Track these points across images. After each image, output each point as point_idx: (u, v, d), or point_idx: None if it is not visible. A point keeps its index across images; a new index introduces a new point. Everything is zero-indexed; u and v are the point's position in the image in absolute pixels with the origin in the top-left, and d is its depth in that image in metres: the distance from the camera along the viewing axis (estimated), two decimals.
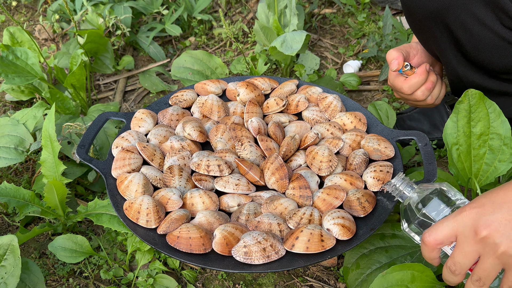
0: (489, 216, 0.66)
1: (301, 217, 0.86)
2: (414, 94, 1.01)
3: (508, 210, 0.65)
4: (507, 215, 0.65)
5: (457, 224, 0.68)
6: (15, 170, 1.24)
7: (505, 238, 0.64)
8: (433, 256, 0.72)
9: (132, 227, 0.87)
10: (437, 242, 0.70)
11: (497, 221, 0.65)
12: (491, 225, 0.65)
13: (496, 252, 0.65)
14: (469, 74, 0.98)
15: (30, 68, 1.29)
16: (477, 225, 0.66)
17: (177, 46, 1.65)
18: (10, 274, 0.84)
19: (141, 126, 1.06)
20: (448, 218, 0.69)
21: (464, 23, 0.90)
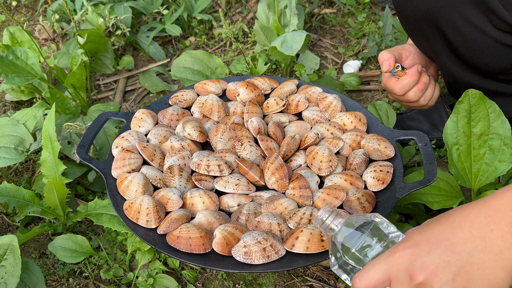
0: (425, 257, 0.57)
1: (301, 217, 0.86)
2: (406, 95, 1.02)
3: (445, 250, 0.56)
4: (445, 256, 0.56)
5: (390, 267, 0.60)
6: (15, 170, 1.24)
7: (443, 284, 0.56)
8: None
9: (132, 227, 0.87)
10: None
11: (434, 264, 0.57)
12: (428, 268, 0.57)
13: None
14: (465, 75, 0.98)
15: (30, 68, 1.29)
16: (412, 268, 0.57)
17: (177, 46, 1.65)
18: (10, 274, 0.84)
19: (141, 126, 1.06)
20: (379, 259, 0.61)
21: (456, 25, 0.90)
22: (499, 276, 0.54)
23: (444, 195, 0.97)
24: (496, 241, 0.55)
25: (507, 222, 0.55)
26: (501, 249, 0.54)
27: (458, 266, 0.55)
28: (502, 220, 0.55)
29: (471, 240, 0.56)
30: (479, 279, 0.55)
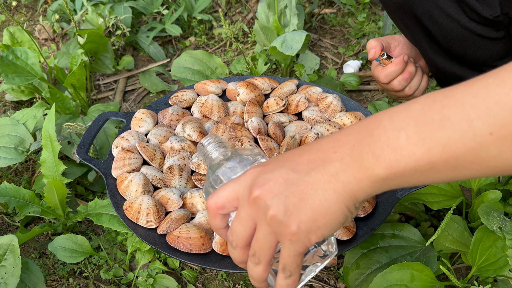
0: (267, 174, 0.54)
1: None
2: (390, 84, 1.02)
3: (286, 169, 0.53)
4: (284, 174, 0.53)
5: (239, 185, 0.57)
6: (15, 170, 1.24)
7: (276, 200, 0.52)
8: (216, 224, 0.61)
9: (132, 227, 0.87)
10: (218, 206, 0.59)
11: (272, 180, 0.53)
12: (266, 184, 0.53)
13: (267, 217, 0.53)
14: (448, 66, 0.98)
15: (30, 68, 1.29)
16: (253, 184, 0.55)
17: (177, 46, 1.65)
18: (10, 274, 0.84)
19: (141, 126, 1.06)
20: (234, 179, 0.58)
21: (432, 15, 0.90)
22: (330, 199, 0.51)
23: (444, 195, 0.97)
24: (335, 163, 0.51)
25: (351, 145, 0.51)
26: (337, 171, 0.51)
27: (294, 184, 0.52)
28: (346, 143, 0.51)
29: (313, 161, 0.53)
30: (310, 199, 0.51)
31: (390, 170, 0.48)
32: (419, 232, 0.94)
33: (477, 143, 0.44)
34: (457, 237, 0.90)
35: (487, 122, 0.43)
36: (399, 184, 0.49)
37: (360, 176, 0.50)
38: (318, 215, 0.51)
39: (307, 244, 0.53)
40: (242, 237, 0.57)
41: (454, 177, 0.47)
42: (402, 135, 0.47)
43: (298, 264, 0.55)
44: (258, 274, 0.58)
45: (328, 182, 0.51)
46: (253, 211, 0.55)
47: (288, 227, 0.52)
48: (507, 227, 0.80)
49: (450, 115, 0.45)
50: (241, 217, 0.56)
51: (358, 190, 0.50)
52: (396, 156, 0.47)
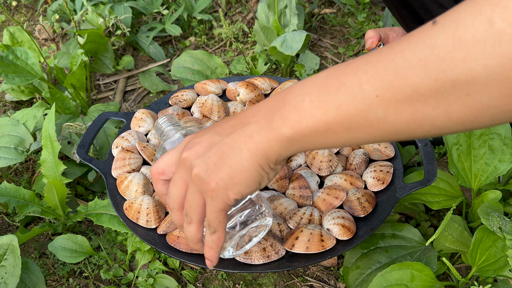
0: (196, 138, 0.59)
1: (301, 217, 0.86)
2: None
3: (212, 133, 0.58)
4: (209, 137, 0.58)
5: (175, 152, 0.63)
6: (15, 170, 1.24)
7: (199, 160, 0.57)
8: (158, 189, 0.67)
9: (132, 227, 0.87)
10: (158, 172, 0.65)
11: (199, 143, 0.58)
12: (193, 147, 0.58)
13: (192, 176, 0.58)
14: None
15: (30, 68, 1.29)
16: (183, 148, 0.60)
17: (177, 46, 1.65)
18: (10, 274, 0.84)
19: (141, 126, 1.06)
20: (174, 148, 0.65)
21: (425, 4, 0.91)
22: (244, 157, 0.55)
23: (444, 195, 0.97)
24: (251, 125, 0.55)
25: (266, 109, 0.55)
26: (252, 132, 0.55)
27: (216, 145, 0.57)
28: (263, 109, 0.55)
29: (235, 125, 0.57)
30: (228, 158, 0.56)
31: (293, 129, 0.52)
32: (419, 232, 0.94)
33: (365, 105, 0.47)
34: (457, 237, 0.90)
35: (374, 85, 0.46)
36: (304, 145, 0.53)
37: (270, 136, 0.54)
38: (234, 173, 0.55)
39: (225, 200, 0.57)
40: (176, 199, 0.61)
41: (350, 138, 0.51)
42: (307, 98, 0.51)
43: (220, 221, 0.59)
44: (192, 233, 0.62)
45: (244, 142, 0.55)
46: (183, 173, 0.59)
47: (209, 184, 0.56)
48: (507, 227, 0.80)
49: (346, 80, 0.48)
50: (174, 180, 0.61)
51: (269, 149, 0.54)
52: (299, 117, 0.51)
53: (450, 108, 0.44)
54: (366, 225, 0.86)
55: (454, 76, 0.42)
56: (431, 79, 0.43)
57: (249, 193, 0.58)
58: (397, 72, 0.45)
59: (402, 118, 0.46)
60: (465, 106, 0.43)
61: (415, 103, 0.45)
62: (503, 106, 0.42)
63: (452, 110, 0.44)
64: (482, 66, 0.40)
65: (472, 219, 0.98)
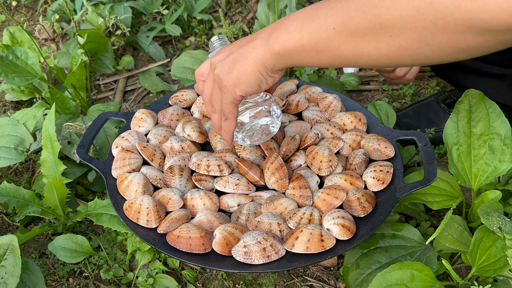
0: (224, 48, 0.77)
1: (301, 217, 0.86)
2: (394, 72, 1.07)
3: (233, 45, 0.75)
4: (231, 48, 0.75)
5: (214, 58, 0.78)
6: (15, 170, 1.24)
7: (220, 64, 0.74)
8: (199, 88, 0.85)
9: (132, 227, 0.87)
10: (199, 73, 0.83)
11: (224, 52, 0.76)
12: (219, 54, 0.76)
13: (214, 75, 0.76)
14: None
15: (30, 68, 1.29)
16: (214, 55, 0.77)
17: (177, 46, 1.65)
18: (10, 274, 0.84)
19: (141, 126, 1.06)
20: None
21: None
22: (248, 63, 0.71)
23: (444, 195, 0.97)
24: (258, 40, 0.71)
25: (270, 30, 0.69)
26: (256, 45, 0.71)
27: (232, 53, 0.74)
28: (269, 28, 0.70)
29: (248, 40, 0.73)
30: (237, 63, 0.72)
31: (281, 46, 0.67)
32: (419, 232, 0.94)
33: (326, 34, 0.61)
34: (457, 237, 0.90)
35: (333, 19, 0.60)
36: (288, 61, 0.68)
37: (266, 49, 0.69)
38: (240, 74, 0.72)
39: (233, 95, 0.75)
40: (207, 94, 0.81)
41: (319, 59, 0.65)
42: (293, 24, 0.66)
43: (230, 111, 0.78)
44: (216, 120, 0.81)
45: (250, 52, 0.71)
46: (211, 74, 0.78)
47: (223, 81, 0.74)
48: (507, 227, 0.80)
49: (320, 13, 0.62)
50: (206, 79, 0.80)
51: (265, 60, 0.70)
52: (286, 38, 0.66)
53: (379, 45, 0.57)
54: (366, 225, 0.86)
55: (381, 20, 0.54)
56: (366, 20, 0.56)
57: (251, 92, 0.74)
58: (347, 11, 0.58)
59: (348, 48, 0.60)
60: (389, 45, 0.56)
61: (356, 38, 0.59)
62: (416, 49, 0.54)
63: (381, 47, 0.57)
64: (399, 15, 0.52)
65: (472, 219, 0.98)
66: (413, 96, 1.38)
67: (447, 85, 1.39)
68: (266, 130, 0.89)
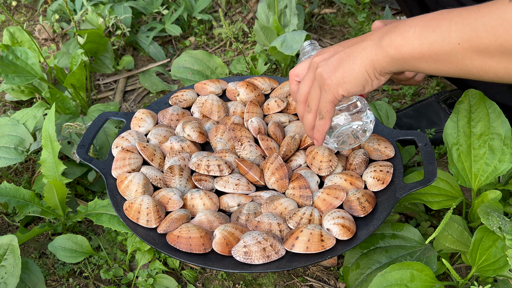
0: (326, 49, 0.77)
1: (301, 217, 0.86)
2: None
3: (338, 46, 0.76)
4: (336, 48, 0.76)
5: (310, 59, 0.80)
6: (15, 170, 1.24)
7: (324, 63, 0.75)
8: (292, 88, 0.86)
9: (132, 227, 0.87)
10: (294, 74, 0.84)
11: (327, 52, 0.76)
12: (322, 54, 0.76)
13: (316, 74, 0.76)
14: None
15: (30, 68, 1.29)
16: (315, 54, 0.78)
17: (177, 46, 1.65)
18: (10, 274, 0.84)
19: (141, 126, 1.06)
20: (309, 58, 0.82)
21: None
22: (356, 63, 0.72)
23: (444, 195, 0.97)
24: (367, 41, 0.71)
25: (381, 32, 0.70)
26: (366, 46, 0.71)
27: (338, 53, 0.74)
28: (381, 31, 0.71)
29: (356, 41, 0.74)
30: (344, 63, 0.73)
31: (396, 51, 0.68)
32: (419, 232, 0.94)
33: (450, 48, 0.63)
34: (457, 237, 0.90)
35: (458, 35, 0.62)
36: (401, 65, 0.69)
37: (378, 52, 0.70)
38: (346, 73, 0.72)
39: (335, 94, 0.74)
40: (303, 93, 0.80)
41: (436, 68, 0.67)
42: (411, 30, 0.66)
43: (328, 110, 0.77)
44: (309, 120, 0.81)
45: (359, 53, 0.72)
46: (310, 73, 0.78)
47: (326, 80, 0.74)
48: (507, 227, 0.80)
49: (442, 25, 0.64)
50: (304, 78, 0.80)
51: (376, 61, 0.70)
52: (402, 43, 0.67)
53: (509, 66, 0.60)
54: (366, 225, 0.86)
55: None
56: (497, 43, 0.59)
57: (354, 92, 0.74)
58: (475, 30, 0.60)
59: (473, 64, 0.63)
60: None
61: (484, 56, 0.61)
62: None
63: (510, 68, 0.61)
64: None
65: (472, 219, 0.98)
66: (413, 96, 1.38)
67: (448, 85, 1.39)
68: (356, 134, 0.87)
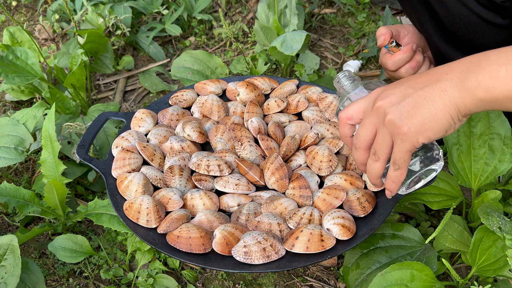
0: (389, 90, 0.69)
1: (301, 217, 0.86)
2: (398, 71, 1.03)
3: (405, 86, 0.68)
4: (403, 89, 0.68)
5: (365, 101, 0.73)
6: (15, 170, 1.24)
7: (394, 108, 0.67)
8: (344, 132, 0.78)
9: (132, 227, 0.87)
10: (347, 117, 0.76)
11: (393, 94, 0.68)
12: (387, 97, 0.69)
13: (385, 121, 0.68)
14: (451, 52, 0.98)
15: (30, 68, 1.29)
16: (377, 98, 0.70)
17: (177, 46, 1.65)
18: (10, 274, 0.84)
19: (141, 126, 1.06)
20: (362, 98, 0.74)
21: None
22: (438, 108, 0.65)
23: (444, 195, 0.97)
24: (445, 81, 0.65)
25: (460, 70, 0.64)
26: (446, 88, 0.65)
27: (410, 96, 0.67)
28: (457, 69, 0.65)
29: (428, 80, 0.67)
30: (422, 108, 0.66)
31: (487, 93, 0.62)
32: (419, 232, 0.94)
33: None
34: (457, 237, 0.90)
35: None
36: (492, 106, 0.64)
37: (463, 94, 0.64)
38: (427, 120, 0.65)
39: (414, 143, 0.67)
40: (364, 140, 0.73)
41: None
42: (503, 69, 0.61)
43: (405, 160, 0.70)
44: (376, 169, 0.73)
45: (438, 95, 0.65)
46: (375, 118, 0.70)
47: (401, 128, 0.66)
48: (507, 227, 0.80)
49: None
50: (365, 124, 0.72)
51: (461, 104, 0.64)
52: (494, 84, 0.62)
53: None
54: (366, 225, 0.86)
55: None
56: None
57: (435, 139, 0.67)
58: None
59: None
60: None
61: None
62: None
63: None
64: None
65: (472, 219, 0.98)
66: None
67: None
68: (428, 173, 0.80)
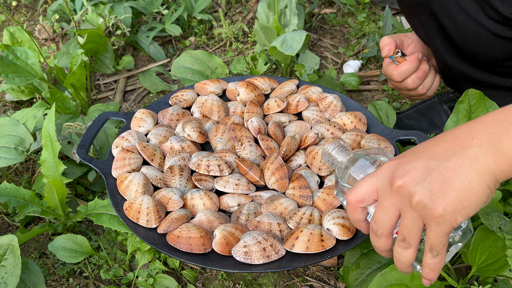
0: (406, 165, 0.59)
1: (301, 217, 0.86)
2: (404, 82, 1.02)
3: (425, 158, 0.59)
4: (424, 163, 0.58)
5: (377, 179, 0.63)
6: (15, 170, 1.24)
7: (420, 187, 0.57)
8: (356, 217, 0.67)
9: (132, 227, 0.87)
10: (358, 200, 0.65)
11: (413, 170, 0.59)
12: (407, 174, 0.59)
13: (412, 203, 0.58)
14: (457, 64, 0.98)
15: (30, 68, 1.29)
16: (394, 175, 0.60)
17: (177, 46, 1.65)
18: (10, 274, 0.84)
19: (141, 126, 1.06)
20: (370, 174, 0.64)
21: (449, 11, 0.90)
22: (473, 180, 0.56)
23: None
24: (474, 148, 0.56)
25: (488, 132, 0.56)
26: (477, 155, 0.56)
27: (435, 171, 0.57)
28: (484, 131, 0.57)
29: (451, 148, 0.58)
30: (453, 182, 0.56)
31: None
32: None
33: None
34: None
35: None
36: None
37: (500, 161, 0.55)
38: (463, 196, 0.56)
39: (453, 224, 0.57)
40: (387, 225, 0.62)
41: None
42: None
43: (444, 244, 0.60)
44: (408, 258, 0.62)
45: (470, 165, 0.56)
46: (397, 200, 0.60)
47: (435, 210, 0.56)
48: (507, 227, 0.80)
49: None
50: (384, 207, 0.61)
51: (498, 172, 0.56)
52: None
53: None
54: None
55: None
56: None
57: (472, 215, 0.58)
58: None
59: None
60: None
61: None
62: None
63: None
64: None
65: (472, 219, 0.98)
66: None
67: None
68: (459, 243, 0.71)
